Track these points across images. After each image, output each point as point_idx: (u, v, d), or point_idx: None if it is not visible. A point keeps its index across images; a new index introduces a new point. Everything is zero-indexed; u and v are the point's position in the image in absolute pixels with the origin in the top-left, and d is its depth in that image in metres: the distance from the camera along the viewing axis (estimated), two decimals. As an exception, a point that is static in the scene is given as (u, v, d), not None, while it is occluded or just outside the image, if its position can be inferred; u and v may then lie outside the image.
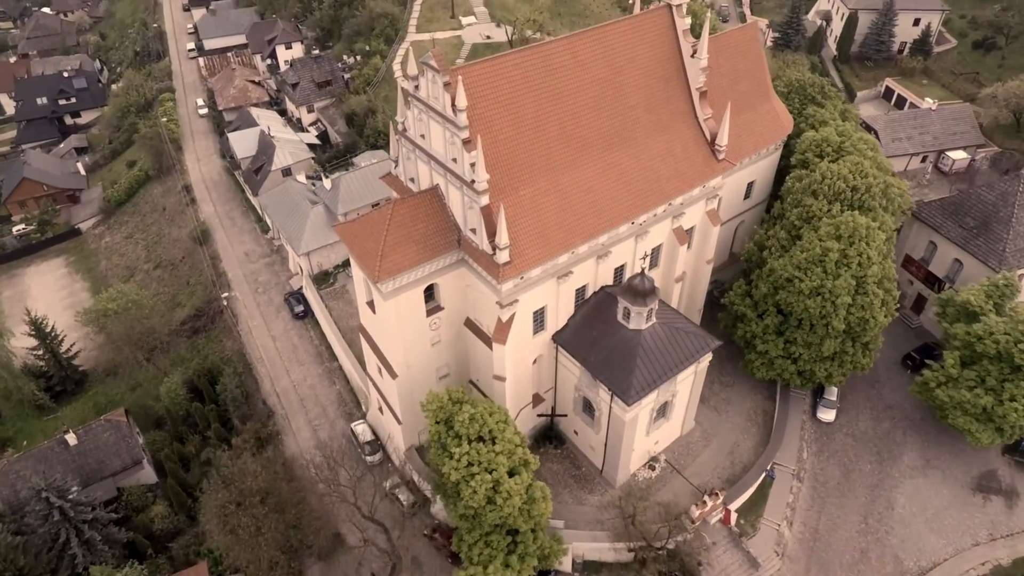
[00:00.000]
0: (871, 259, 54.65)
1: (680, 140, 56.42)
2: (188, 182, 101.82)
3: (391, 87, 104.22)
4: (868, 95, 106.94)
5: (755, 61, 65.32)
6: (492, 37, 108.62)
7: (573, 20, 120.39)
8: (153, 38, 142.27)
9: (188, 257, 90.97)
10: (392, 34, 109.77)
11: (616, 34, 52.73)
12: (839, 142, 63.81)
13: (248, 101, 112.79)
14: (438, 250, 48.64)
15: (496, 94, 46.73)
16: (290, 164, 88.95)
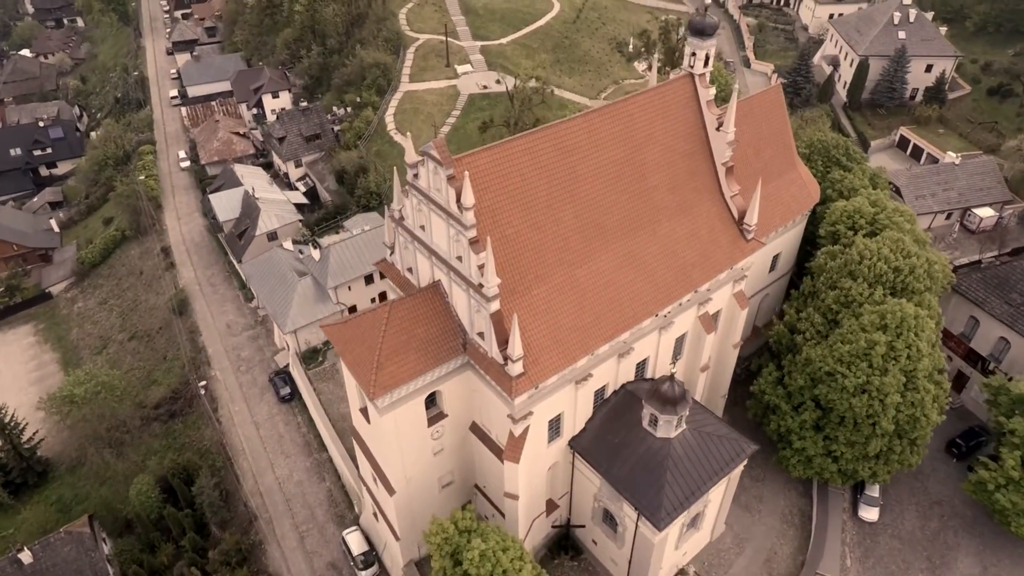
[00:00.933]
0: (921, 351, 49.77)
1: (706, 221, 51.70)
2: (167, 243, 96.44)
3: (383, 140, 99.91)
4: (882, 144, 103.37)
5: (780, 126, 61.09)
6: (489, 87, 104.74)
7: (572, 66, 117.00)
8: (134, 85, 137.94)
9: (166, 328, 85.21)
10: (384, 84, 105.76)
11: (635, 109, 48.25)
12: (873, 214, 59.41)
13: (232, 155, 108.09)
14: (441, 357, 43.34)
15: (505, 183, 41.89)
16: (276, 228, 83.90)
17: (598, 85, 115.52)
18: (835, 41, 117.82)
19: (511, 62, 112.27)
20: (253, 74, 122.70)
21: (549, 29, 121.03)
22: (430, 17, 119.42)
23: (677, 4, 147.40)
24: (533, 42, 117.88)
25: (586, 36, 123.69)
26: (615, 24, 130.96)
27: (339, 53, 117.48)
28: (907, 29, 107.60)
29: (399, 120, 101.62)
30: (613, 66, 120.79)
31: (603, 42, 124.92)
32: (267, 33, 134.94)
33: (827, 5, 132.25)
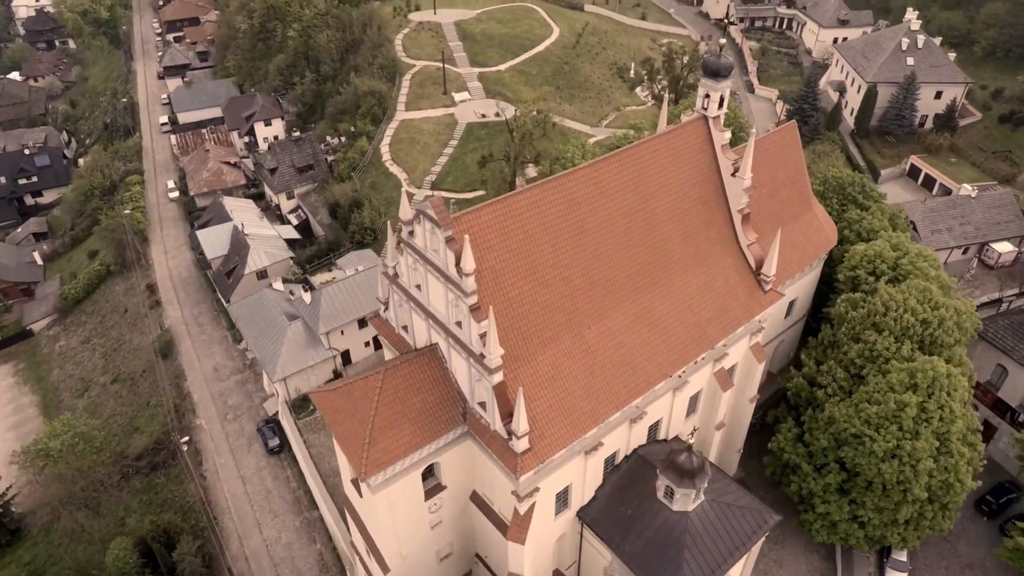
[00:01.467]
0: (954, 412, 46.59)
1: (721, 272, 48.66)
2: (153, 280, 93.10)
3: (379, 171, 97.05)
4: (892, 173, 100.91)
5: (796, 166, 58.27)
6: (488, 116, 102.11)
7: (573, 93, 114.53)
8: (123, 111, 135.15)
9: (150, 371, 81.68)
10: (380, 113, 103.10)
11: (646, 155, 45.35)
12: (895, 258, 56.48)
13: (222, 185, 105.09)
14: (440, 429, 40.04)
15: (508, 242, 38.84)
16: (266, 266, 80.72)
17: (599, 112, 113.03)
18: (841, 66, 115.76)
19: (510, 89, 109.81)
20: (245, 101, 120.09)
21: (548, 55, 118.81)
22: (427, 43, 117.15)
23: (678, 28, 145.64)
24: (532, 68, 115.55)
25: (586, 61, 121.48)
26: (615, 49, 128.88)
27: (333, 80, 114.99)
28: (916, 55, 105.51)
29: (395, 150, 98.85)
30: (614, 92, 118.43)
31: (604, 67, 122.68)
32: (260, 58, 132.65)
33: (831, 29, 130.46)
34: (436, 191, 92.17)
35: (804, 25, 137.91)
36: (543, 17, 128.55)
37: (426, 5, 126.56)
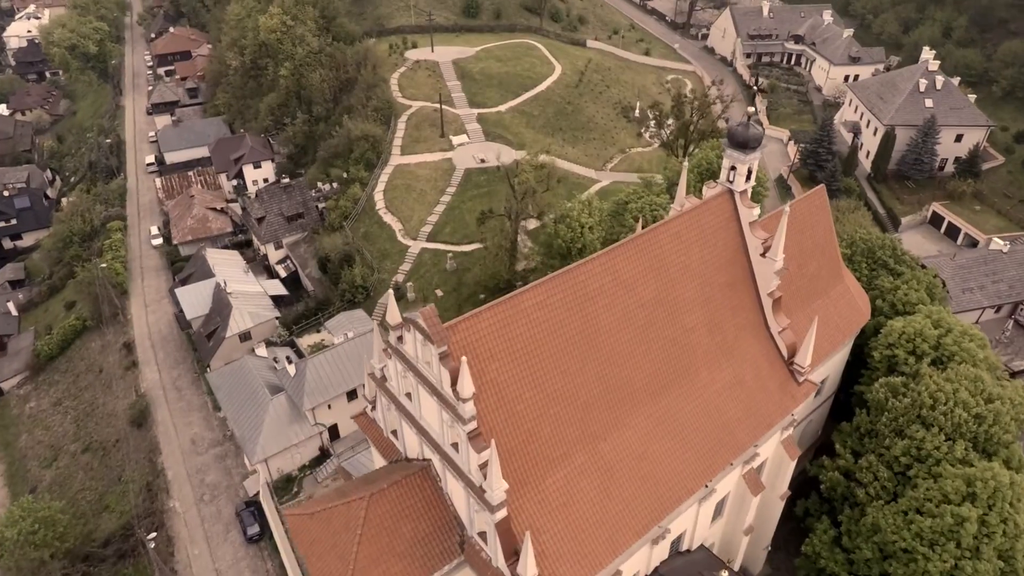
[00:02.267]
0: (1019, 526, 41.31)
1: (751, 364, 43.67)
2: (131, 337, 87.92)
3: (372, 221, 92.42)
4: (913, 221, 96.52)
5: (825, 234, 53.58)
6: (488, 160, 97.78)
7: (576, 135, 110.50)
8: (107, 151, 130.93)
9: (123, 442, 76.16)
10: (373, 158, 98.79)
11: (666, 239, 40.59)
12: (937, 336, 51.52)
13: (208, 233, 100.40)
14: (433, 563, 34.71)
15: (512, 349, 33.90)
16: (249, 328, 75.78)
17: (604, 155, 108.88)
18: (855, 107, 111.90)
19: (510, 132, 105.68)
20: (234, 142, 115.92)
21: (550, 94, 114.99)
22: (423, 83, 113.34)
23: (683, 64, 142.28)
24: (534, 109, 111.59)
25: (589, 101, 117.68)
26: (619, 87, 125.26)
27: (326, 121, 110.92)
28: (934, 97, 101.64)
29: (389, 198, 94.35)
30: (619, 133, 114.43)
31: (608, 107, 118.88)
32: (251, 96, 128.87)
33: (842, 67, 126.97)
34: (432, 243, 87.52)
35: (813, 61, 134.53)
36: (544, 55, 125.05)
37: (423, 43, 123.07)
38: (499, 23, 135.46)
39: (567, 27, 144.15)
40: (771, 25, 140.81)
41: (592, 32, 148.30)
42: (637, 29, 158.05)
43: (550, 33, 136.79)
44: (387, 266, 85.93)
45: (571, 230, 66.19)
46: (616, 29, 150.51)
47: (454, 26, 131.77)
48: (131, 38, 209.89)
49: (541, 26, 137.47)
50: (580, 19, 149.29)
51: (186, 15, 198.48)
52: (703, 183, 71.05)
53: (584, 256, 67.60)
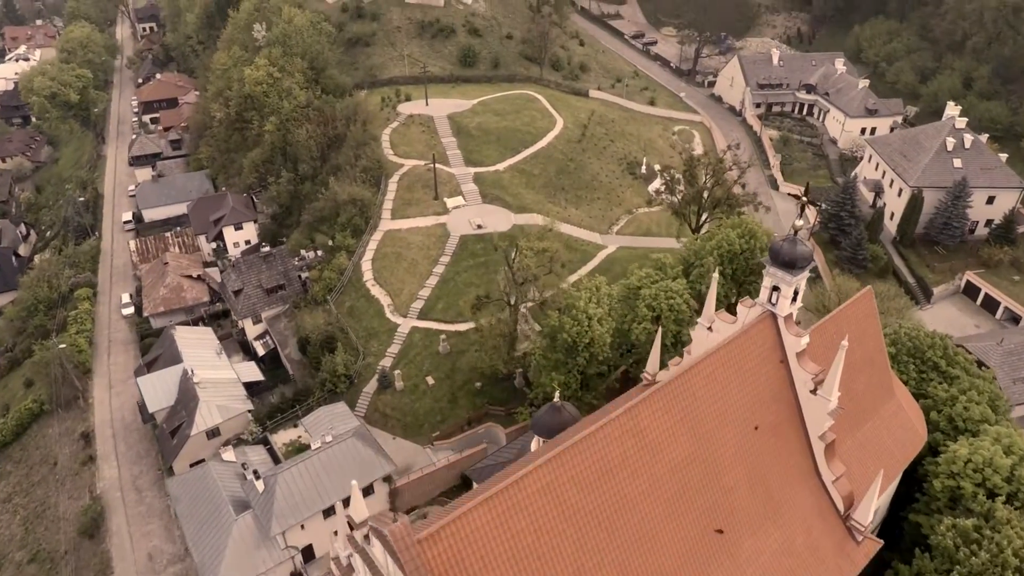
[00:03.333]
0: None
1: (801, 523, 36.42)
2: (90, 425, 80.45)
3: (359, 294, 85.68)
4: (946, 291, 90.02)
5: (874, 344, 46.76)
6: (484, 226, 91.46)
7: (579, 194, 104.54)
8: (83, 208, 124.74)
9: (73, 552, 68.26)
10: (362, 223, 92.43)
11: (699, 383, 33.84)
12: (1010, 467, 44.35)
13: (182, 303, 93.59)
14: None
15: (513, 548, 26.80)
16: (218, 423, 68.57)
17: (609, 216, 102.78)
18: (876, 164, 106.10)
19: (509, 192, 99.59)
20: (214, 202, 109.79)
21: (551, 151, 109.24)
22: (417, 139, 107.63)
23: (690, 114, 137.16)
24: (534, 167, 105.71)
25: (593, 157, 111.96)
26: (624, 140, 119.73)
27: (313, 180, 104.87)
28: (963, 156, 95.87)
29: (378, 268, 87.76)
30: (625, 191, 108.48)
31: (612, 162, 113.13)
32: (236, 150, 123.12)
33: (858, 119, 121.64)
34: (424, 321, 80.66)
35: (827, 113, 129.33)
36: (545, 107, 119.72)
37: (417, 95, 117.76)
38: (497, 73, 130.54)
39: (568, 76, 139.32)
40: (781, 74, 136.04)
41: (594, 80, 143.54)
42: (641, 76, 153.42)
43: (551, 83, 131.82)
44: (374, 347, 78.88)
45: (577, 323, 59.36)
46: (619, 77, 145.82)
47: (450, 77, 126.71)
48: (120, 81, 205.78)
49: (541, 76, 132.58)
50: (582, 67, 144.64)
51: (175, 59, 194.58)
52: (724, 268, 65.04)
53: (592, 351, 60.86)
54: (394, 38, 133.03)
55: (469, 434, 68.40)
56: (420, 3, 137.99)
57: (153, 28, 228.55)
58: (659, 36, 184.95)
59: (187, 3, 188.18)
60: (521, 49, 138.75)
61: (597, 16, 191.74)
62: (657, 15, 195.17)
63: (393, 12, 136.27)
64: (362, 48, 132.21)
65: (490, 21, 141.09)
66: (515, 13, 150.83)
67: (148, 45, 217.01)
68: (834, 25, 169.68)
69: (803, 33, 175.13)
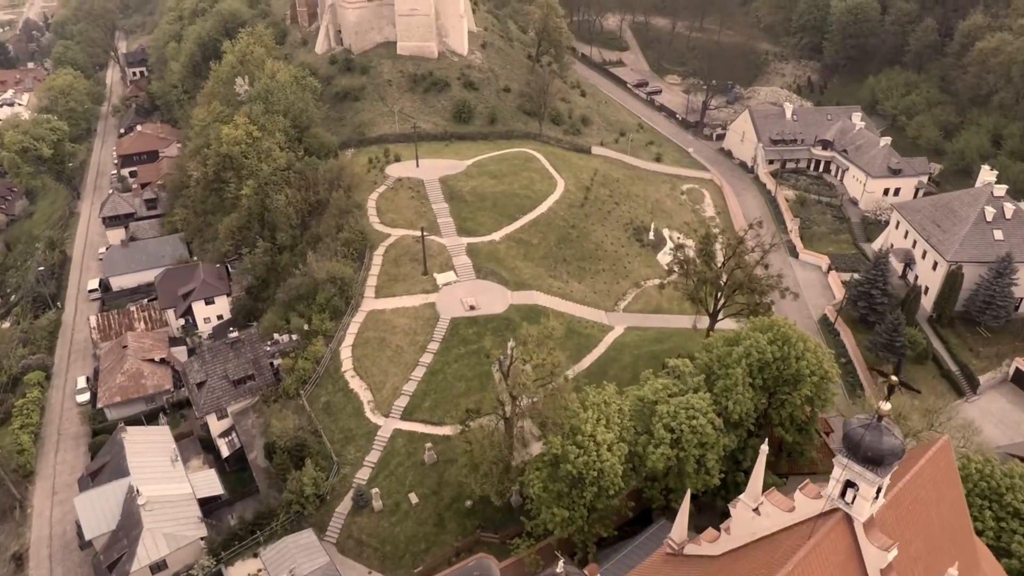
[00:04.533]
0: None
1: None
2: (25, 543, 71.08)
3: (336, 387, 77.07)
4: (993, 380, 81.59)
5: (955, 508, 37.98)
6: (477, 307, 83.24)
7: (581, 266, 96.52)
8: (45, 276, 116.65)
9: None
10: (342, 305, 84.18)
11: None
12: None
13: (142, 392, 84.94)
14: None
15: None
16: (164, 556, 59.36)
17: (615, 290, 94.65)
18: (905, 232, 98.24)
19: (504, 266, 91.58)
20: (184, 273, 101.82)
21: (552, 217, 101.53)
22: (405, 206, 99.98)
23: (699, 172, 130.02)
24: (532, 236, 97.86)
25: (597, 222, 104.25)
26: (630, 203, 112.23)
27: (291, 250, 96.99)
28: (1005, 227, 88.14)
29: (358, 356, 79.29)
30: (632, 260, 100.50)
31: (618, 228, 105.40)
32: (212, 212, 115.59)
33: (881, 179, 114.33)
34: (408, 421, 71.92)
35: (846, 171, 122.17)
36: (544, 167, 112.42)
37: (408, 154, 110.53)
38: (494, 129, 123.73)
39: (569, 130, 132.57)
40: (795, 129, 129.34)
41: (597, 134, 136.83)
42: (646, 129, 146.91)
43: (551, 139, 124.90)
44: (350, 454, 69.90)
45: (584, 451, 50.63)
46: (623, 131, 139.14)
47: (443, 134, 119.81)
48: (104, 129, 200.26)
49: (541, 131, 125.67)
50: (583, 120, 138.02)
51: (160, 108, 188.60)
52: (754, 377, 56.50)
53: (602, 484, 52.05)
54: (384, 92, 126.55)
55: (458, 568, 59.01)
56: (413, 55, 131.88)
57: (143, 72, 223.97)
58: (663, 84, 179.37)
59: (173, 51, 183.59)
60: (519, 103, 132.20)
61: (599, 64, 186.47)
62: (661, 62, 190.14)
63: (384, 65, 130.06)
64: (350, 103, 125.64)
65: (487, 73, 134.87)
66: (513, 63, 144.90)
67: (135, 91, 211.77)
68: (846, 75, 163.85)
69: (814, 82, 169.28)
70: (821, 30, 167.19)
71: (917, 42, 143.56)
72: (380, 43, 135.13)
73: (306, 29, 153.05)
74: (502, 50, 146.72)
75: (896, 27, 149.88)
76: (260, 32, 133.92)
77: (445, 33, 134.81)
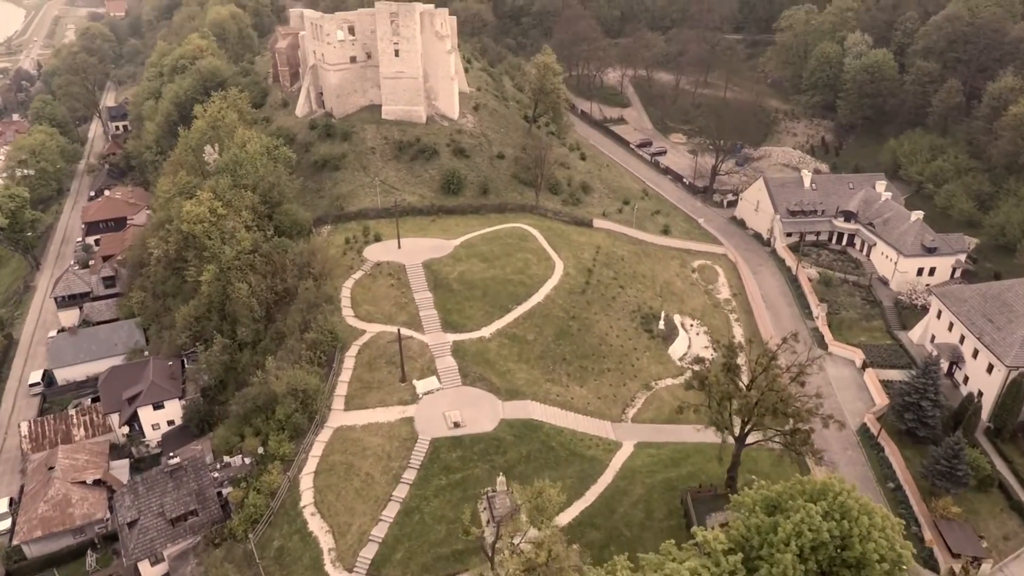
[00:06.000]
0: None
1: None
2: None
3: (292, 528, 65.26)
4: (1072, 513, 69.47)
5: None
6: (463, 424, 71.97)
7: (584, 366, 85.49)
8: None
9: None
10: (304, 422, 72.85)
11: None
12: None
13: (68, 523, 73.02)
14: None
15: None
16: None
17: (622, 395, 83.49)
18: (949, 324, 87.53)
19: (495, 369, 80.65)
20: (131, 372, 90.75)
21: (550, 307, 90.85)
22: (383, 296, 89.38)
23: (711, 245, 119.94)
24: (528, 330, 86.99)
25: (600, 311, 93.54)
26: (637, 285, 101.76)
27: (253, 348, 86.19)
28: (1070, 327, 77.44)
29: (321, 487, 67.70)
30: (640, 355, 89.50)
31: (624, 317, 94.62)
32: (173, 295, 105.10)
33: (914, 258, 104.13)
34: (376, 579, 59.94)
35: (873, 246, 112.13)
36: (541, 246, 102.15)
37: (389, 232, 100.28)
38: (486, 202, 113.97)
39: (568, 200, 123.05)
40: (815, 199, 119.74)
41: (599, 203, 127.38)
42: (651, 196, 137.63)
43: (548, 212, 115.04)
44: (304, 627, 57.86)
45: None
46: (626, 199, 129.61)
47: (430, 208, 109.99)
48: (78, 189, 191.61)
49: (537, 203, 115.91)
50: (583, 187, 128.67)
51: (136, 168, 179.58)
52: (806, 559, 44.96)
53: None
54: (367, 161, 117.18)
55: None
56: (399, 120, 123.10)
57: (126, 127, 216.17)
58: (667, 143, 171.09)
59: (150, 110, 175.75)
60: (514, 170, 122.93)
61: (599, 121, 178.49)
62: (664, 120, 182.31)
63: (367, 130, 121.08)
64: (330, 172, 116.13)
65: (479, 138, 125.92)
66: (508, 126, 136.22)
67: (113, 148, 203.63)
68: (863, 135, 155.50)
69: (828, 143, 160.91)
70: (834, 88, 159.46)
71: (941, 104, 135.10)
72: (364, 106, 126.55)
73: (288, 89, 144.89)
74: (496, 111, 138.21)
75: (917, 87, 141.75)
76: (234, 96, 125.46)
77: (434, 96, 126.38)
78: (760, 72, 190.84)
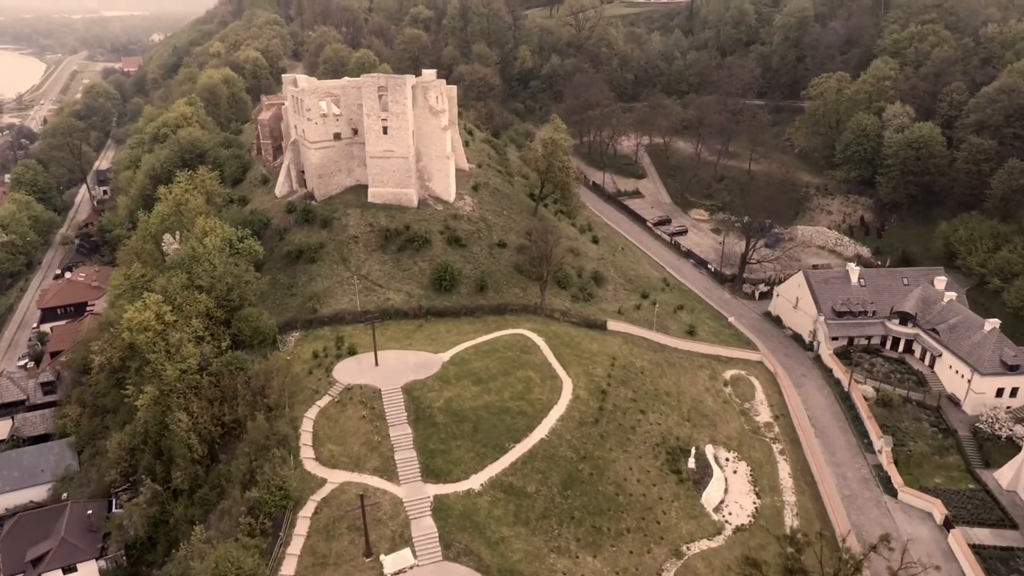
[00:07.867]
0: None
1: None
2: None
3: None
4: None
5: None
6: (440, 626, 55.61)
7: (596, 525, 69.55)
8: None
9: None
10: (234, 619, 56.84)
11: None
12: None
13: None
14: None
15: None
16: None
17: (646, 566, 67.04)
18: (1053, 474, 71.28)
19: (485, 535, 64.71)
20: (41, 522, 75.49)
21: (555, 445, 75.30)
22: (353, 431, 74.26)
23: (744, 351, 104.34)
24: (528, 480, 71.25)
25: (616, 447, 77.94)
26: (660, 407, 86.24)
27: (190, 498, 70.88)
28: None
29: None
30: (667, 508, 73.39)
31: (646, 453, 78.88)
32: (113, 411, 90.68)
33: (993, 377, 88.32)
34: None
35: (939, 356, 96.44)
36: (546, 360, 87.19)
37: (366, 342, 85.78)
38: (483, 302, 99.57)
39: (579, 295, 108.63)
40: (864, 297, 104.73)
41: (613, 297, 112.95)
42: (672, 286, 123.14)
43: (555, 313, 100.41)
44: None
45: None
46: (645, 292, 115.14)
47: (417, 310, 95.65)
48: (49, 262, 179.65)
49: (542, 302, 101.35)
50: (596, 278, 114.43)
51: (109, 243, 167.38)
52: None
53: None
54: (348, 251, 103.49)
55: None
56: (387, 203, 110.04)
57: (111, 193, 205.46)
58: (688, 221, 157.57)
59: (126, 180, 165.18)
60: (517, 261, 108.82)
61: (612, 195, 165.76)
62: (684, 194, 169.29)
63: (351, 216, 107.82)
64: (305, 266, 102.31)
65: (478, 224, 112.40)
66: (512, 206, 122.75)
67: (92, 218, 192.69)
68: (908, 216, 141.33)
69: (868, 223, 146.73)
70: (872, 163, 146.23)
71: (1002, 185, 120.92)
72: (350, 187, 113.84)
73: (270, 164, 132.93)
74: (498, 191, 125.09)
75: (971, 165, 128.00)
76: (202, 176, 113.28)
77: (428, 177, 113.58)
78: (786, 141, 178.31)
